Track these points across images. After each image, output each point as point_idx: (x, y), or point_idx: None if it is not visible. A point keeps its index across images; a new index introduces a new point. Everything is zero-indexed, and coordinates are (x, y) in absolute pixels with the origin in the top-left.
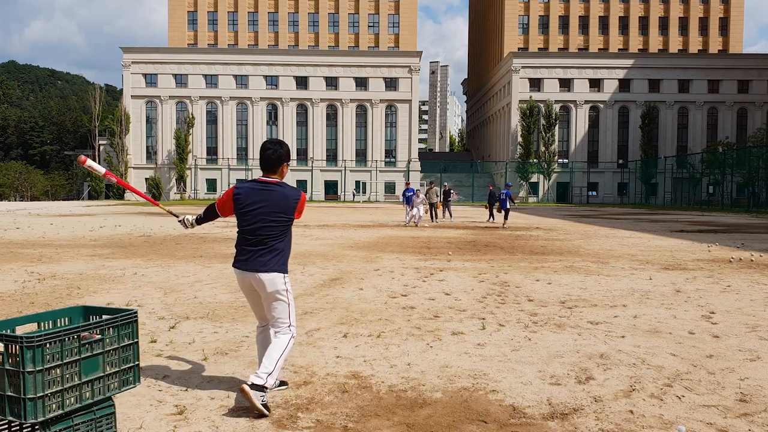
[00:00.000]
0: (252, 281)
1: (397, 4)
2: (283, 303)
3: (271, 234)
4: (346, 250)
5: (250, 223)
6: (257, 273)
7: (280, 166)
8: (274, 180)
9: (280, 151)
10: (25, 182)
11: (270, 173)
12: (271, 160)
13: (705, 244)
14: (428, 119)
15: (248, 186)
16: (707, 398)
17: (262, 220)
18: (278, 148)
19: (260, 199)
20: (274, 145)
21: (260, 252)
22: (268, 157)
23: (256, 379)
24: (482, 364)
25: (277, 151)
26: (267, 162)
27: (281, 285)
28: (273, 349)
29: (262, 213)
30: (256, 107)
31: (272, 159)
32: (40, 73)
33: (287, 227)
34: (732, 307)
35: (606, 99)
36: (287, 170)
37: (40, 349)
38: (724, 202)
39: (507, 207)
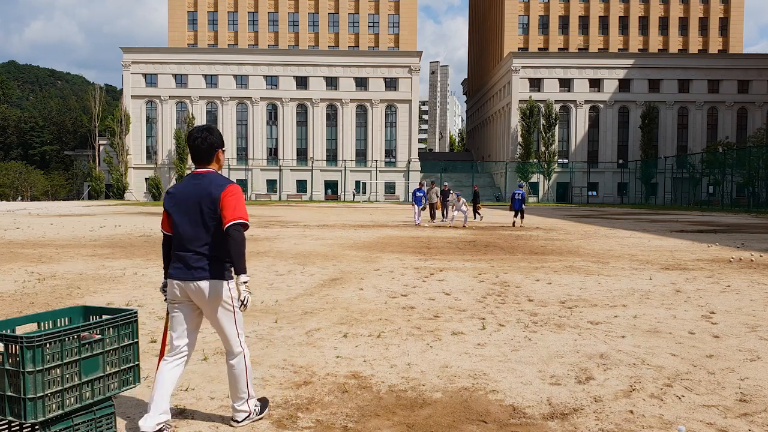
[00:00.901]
0: (188, 292)
1: (397, 4)
2: (228, 314)
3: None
4: (346, 250)
5: (179, 222)
6: (195, 282)
7: (214, 154)
8: (206, 170)
9: (210, 137)
10: (25, 182)
11: (203, 164)
12: (201, 150)
13: (705, 244)
14: (428, 119)
15: (179, 184)
16: (707, 398)
17: (190, 217)
18: (208, 135)
19: (188, 193)
20: (202, 132)
21: (195, 257)
22: (197, 147)
23: (240, 414)
24: (482, 364)
25: (207, 138)
26: (197, 152)
27: (226, 293)
28: (237, 379)
29: (190, 209)
30: (256, 107)
31: (203, 148)
32: (40, 73)
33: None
34: (732, 307)
35: (606, 99)
36: (224, 157)
37: (40, 349)
38: (724, 202)
39: (520, 207)
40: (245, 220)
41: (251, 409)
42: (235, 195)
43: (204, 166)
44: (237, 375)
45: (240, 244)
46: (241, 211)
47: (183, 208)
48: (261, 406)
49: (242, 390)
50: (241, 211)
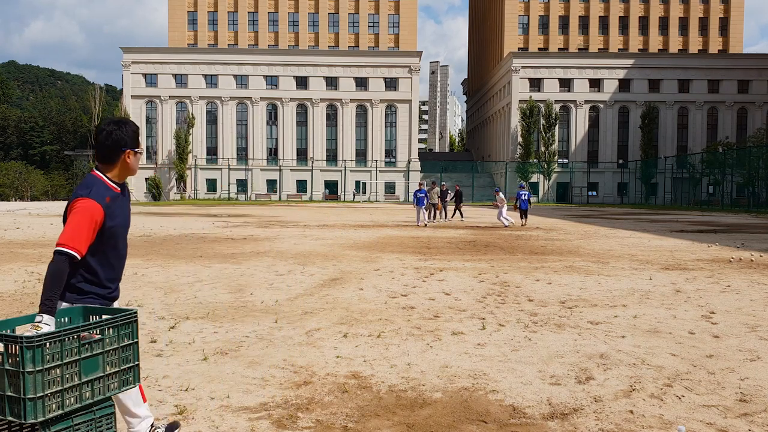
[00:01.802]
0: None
1: (397, 4)
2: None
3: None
4: (346, 250)
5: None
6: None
7: (120, 155)
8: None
9: (117, 132)
10: (25, 182)
11: (104, 166)
12: (105, 147)
13: (705, 244)
14: (428, 119)
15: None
16: (707, 398)
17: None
18: (115, 129)
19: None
20: (110, 125)
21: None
22: (101, 143)
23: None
24: (482, 364)
25: (113, 133)
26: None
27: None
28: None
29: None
30: (256, 107)
31: (106, 145)
32: (40, 73)
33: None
34: (732, 307)
35: (606, 99)
36: (133, 161)
37: (40, 349)
38: (724, 202)
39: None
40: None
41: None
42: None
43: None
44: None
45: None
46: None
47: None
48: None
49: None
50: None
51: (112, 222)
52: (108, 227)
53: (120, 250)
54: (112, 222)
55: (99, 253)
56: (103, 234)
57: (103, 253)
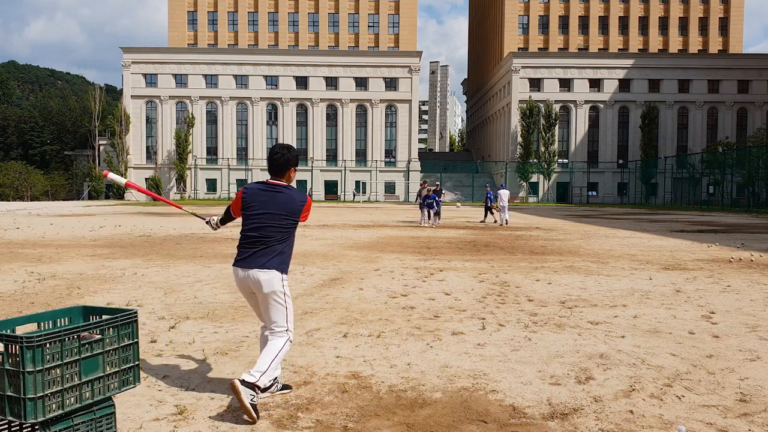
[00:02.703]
0: (249, 281)
1: (397, 4)
2: (279, 306)
3: (273, 235)
4: (346, 250)
5: (252, 223)
6: (255, 271)
7: (287, 170)
8: (280, 183)
9: (287, 155)
10: (25, 182)
11: (277, 177)
12: (278, 165)
13: (705, 244)
14: (428, 119)
15: (255, 187)
16: (707, 398)
17: (264, 220)
18: (286, 153)
19: (264, 200)
20: (283, 149)
21: (260, 251)
22: (275, 162)
23: (248, 377)
24: (482, 364)
25: (285, 155)
26: (274, 166)
27: (278, 286)
28: (267, 350)
29: (266, 214)
30: (256, 107)
31: (279, 163)
32: (40, 73)
33: (290, 230)
34: (732, 307)
35: (606, 99)
36: (294, 175)
37: (40, 349)
38: (724, 202)
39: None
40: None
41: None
42: (310, 206)
43: (277, 179)
44: (270, 349)
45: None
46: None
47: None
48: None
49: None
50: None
51: None
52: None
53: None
54: None
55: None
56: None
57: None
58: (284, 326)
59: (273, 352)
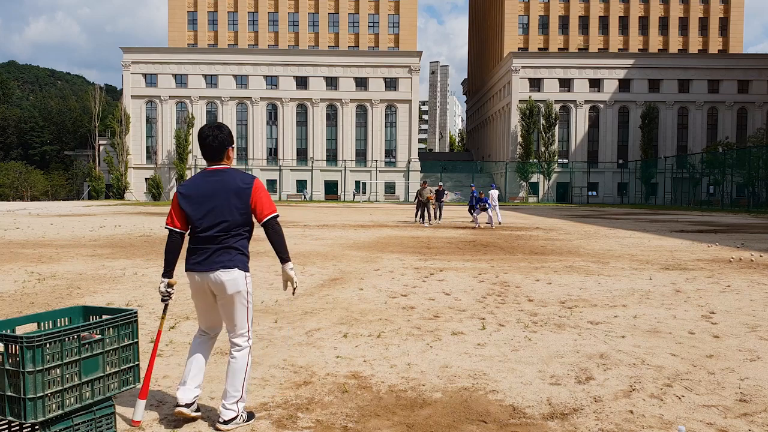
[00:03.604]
0: (210, 284)
1: (397, 4)
2: (243, 307)
3: (229, 228)
4: (346, 250)
5: (201, 220)
6: (218, 272)
7: (224, 151)
8: (222, 166)
9: (220, 135)
10: (25, 182)
11: (215, 162)
12: (212, 148)
13: (705, 244)
14: (428, 119)
15: (193, 179)
16: (707, 398)
17: (216, 212)
18: (218, 133)
19: (210, 189)
20: (213, 130)
21: (218, 250)
22: (209, 145)
23: (228, 413)
24: (482, 364)
25: (217, 136)
26: (209, 150)
27: (243, 286)
28: (234, 371)
29: (215, 204)
30: (256, 107)
31: (214, 146)
32: (40, 73)
33: (244, 218)
34: (732, 307)
35: (606, 99)
36: (233, 154)
37: (40, 349)
38: (724, 202)
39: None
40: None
41: (240, 412)
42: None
43: (216, 163)
44: (237, 369)
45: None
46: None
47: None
48: (248, 415)
49: (237, 388)
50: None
51: None
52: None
53: None
54: None
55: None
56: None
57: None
58: (245, 328)
59: (242, 370)
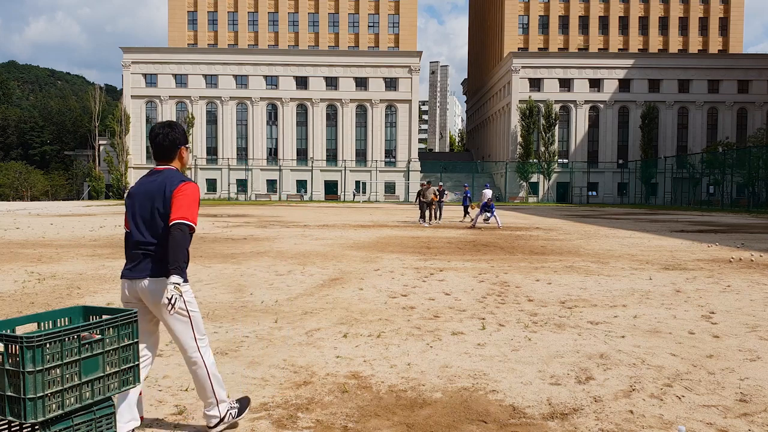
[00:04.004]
0: (139, 292)
1: (397, 4)
2: (182, 319)
3: (153, 232)
4: (346, 250)
5: (132, 219)
6: (143, 280)
7: (176, 150)
8: (165, 167)
9: (172, 134)
10: (25, 182)
11: (165, 162)
12: (163, 147)
13: (705, 244)
14: (428, 119)
15: (140, 179)
16: (707, 398)
17: (145, 215)
18: (170, 131)
19: (145, 190)
20: (164, 128)
21: (143, 256)
22: (159, 144)
23: (212, 420)
24: (482, 364)
25: (168, 135)
26: (159, 149)
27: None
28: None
29: (146, 206)
30: (256, 107)
31: (164, 145)
32: (40, 73)
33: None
34: (732, 307)
35: (606, 99)
36: (188, 155)
37: (40, 349)
38: (724, 202)
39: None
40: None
41: (222, 413)
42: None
43: (164, 163)
44: (201, 381)
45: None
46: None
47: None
48: (240, 408)
49: (208, 396)
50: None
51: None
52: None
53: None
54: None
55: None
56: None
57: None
58: (193, 345)
59: (206, 380)
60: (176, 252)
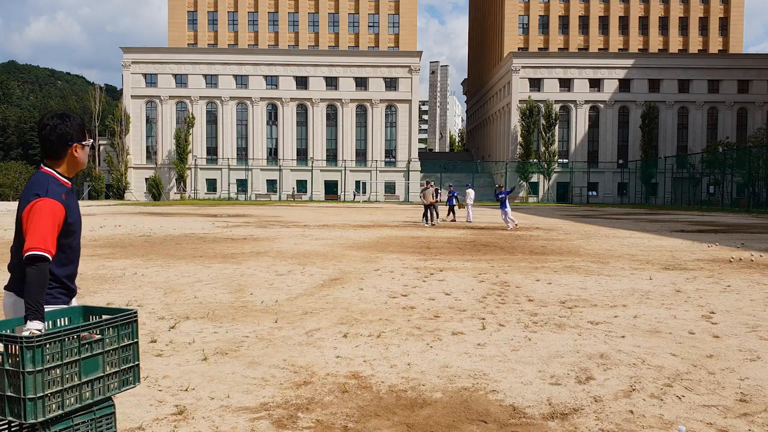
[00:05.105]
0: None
1: (397, 4)
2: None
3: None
4: (346, 250)
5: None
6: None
7: (66, 148)
8: (45, 170)
9: (62, 126)
10: (25, 182)
11: (52, 161)
12: (49, 142)
13: (705, 244)
14: (428, 119)
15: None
16: (707, 398)
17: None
18: (59, 123)
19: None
20: (53, 119)
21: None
22: (44, 138)
23: None
24: (482, 364)
25: (56, 126)
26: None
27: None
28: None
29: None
30: (256, 107)
31: (51, 140)
32: (40, 73)
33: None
34: (732, 307)
35: (606, 99)
36: (81, 154)
37: (40, 349)
38: (724, 202)
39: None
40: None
41: None
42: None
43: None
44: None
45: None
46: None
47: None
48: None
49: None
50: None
51: (72, 218)
52: (68, 224)
53: (77, 247)
54: (72, 218)
55: (59, 252)
56: (66, 231)
57: (63, 251)
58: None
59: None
60: (32, 293)
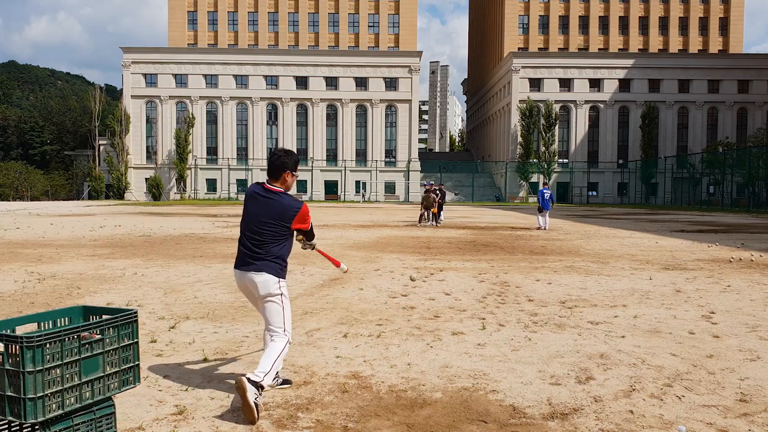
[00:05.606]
0: (247, 282)
1: (397, 4)
2: (275, 306)
3: (263, 239)
4: (346, 250)
5: (245, 226)
6: (251, 274)
7: (282, 173)
8: (275, 188)
9: (284, 158)
10: (25, 182)
11: (273, 181)
12: (273, 167)
13: (705, 244)
14: (428, 119)
15: (252, 190)
16: (707, 398)
17: (255, 225)
18: (282, 156)
19: (257, 205)
20: (281, 152)
21: (253, 255)
22: (271, 164)
23: (253, 377)
24: (482, 364)
25: (281, 158)
26: (270, 168)
27: (275, 289)
28: (268, 352)
29: (257, 219)
30: (256, 107)
31: (275, 165)
32: (40, 73)
33: (283, 235)
34: (732, 307)
35: (606, 99)
36: (291, 179)
37: (40, 349)
38: (724, 202)
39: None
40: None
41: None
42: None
43: (273, 183)
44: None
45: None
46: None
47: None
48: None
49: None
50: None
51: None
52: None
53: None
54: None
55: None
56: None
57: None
58: (281, 327)
59: (274, 353)
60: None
